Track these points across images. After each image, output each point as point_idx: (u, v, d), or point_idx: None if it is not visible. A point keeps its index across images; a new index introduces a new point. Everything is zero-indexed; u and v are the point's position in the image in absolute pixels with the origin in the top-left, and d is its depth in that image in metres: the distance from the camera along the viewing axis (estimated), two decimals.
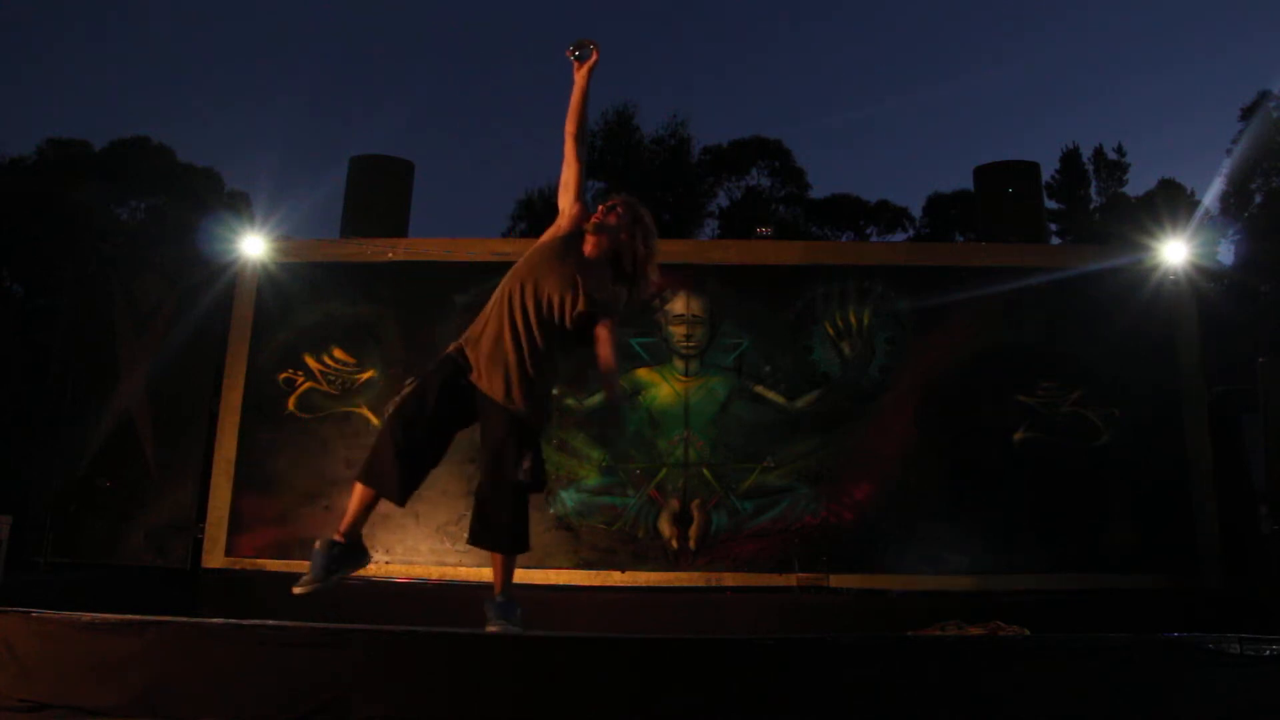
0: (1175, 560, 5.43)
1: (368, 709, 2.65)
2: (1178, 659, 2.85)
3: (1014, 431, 5.67)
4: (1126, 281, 5.81)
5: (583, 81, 3.37)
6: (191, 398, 5.91)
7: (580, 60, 3.38)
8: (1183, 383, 5.69)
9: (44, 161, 19.59)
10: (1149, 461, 5.59)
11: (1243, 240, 16.78)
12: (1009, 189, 6.33)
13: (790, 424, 5.75)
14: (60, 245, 13.56)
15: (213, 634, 2.89)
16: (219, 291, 6.01)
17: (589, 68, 3.37)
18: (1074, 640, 2.96)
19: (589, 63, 3.38)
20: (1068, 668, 2.82)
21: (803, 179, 25.37)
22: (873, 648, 2.96)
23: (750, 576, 5.53)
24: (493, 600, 3.26)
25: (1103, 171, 23.00)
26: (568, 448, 5.74)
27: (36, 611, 2.97)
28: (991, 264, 5.94)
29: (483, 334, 3.28)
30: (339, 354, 5.91)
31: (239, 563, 5.63)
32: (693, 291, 5.93)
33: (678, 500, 5.65)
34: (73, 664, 2.86)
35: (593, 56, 3.38)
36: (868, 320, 5.88)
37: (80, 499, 5.74)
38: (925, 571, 5.47)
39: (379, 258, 6.01)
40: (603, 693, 2.71)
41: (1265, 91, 17.98)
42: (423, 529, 5.62)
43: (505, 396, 3.20)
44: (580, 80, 3.37)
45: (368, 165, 6.47)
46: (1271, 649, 2.82)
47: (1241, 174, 17.46)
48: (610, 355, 3.25)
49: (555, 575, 5.43)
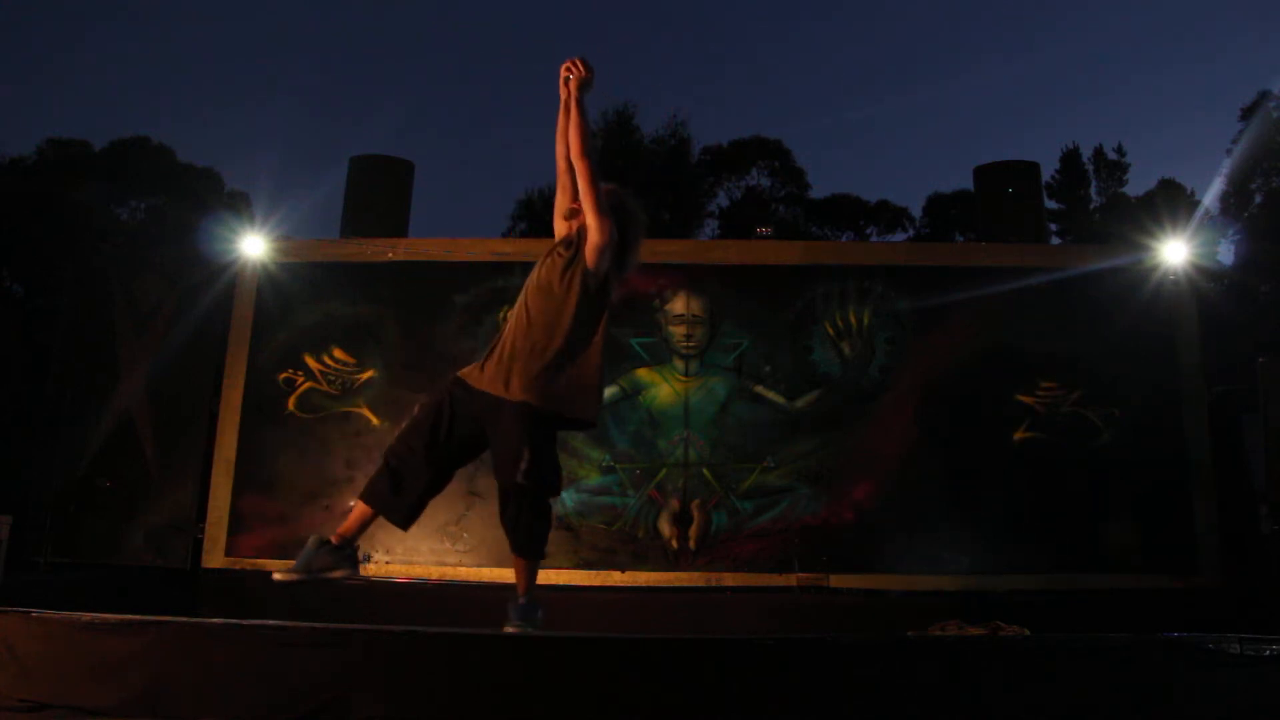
0: (1175, 560, 5.43)
1: (368, 709, 2.64)
2: (1178, 659, 2.85)
3: (1014, 431, 5.67)
4: (1126, 281, 5.81)
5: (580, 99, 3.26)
6: (191, 398, 5.91)
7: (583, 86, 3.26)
8: (1183, 383, 5.69)
9: (44, 161, 19.59)
10: (1149, 461, 5.59)
11: (1243, 240, 16.78)
12: (1009, 189, 6.33)
13: (790, 424, 5.75)
14: (60, 245, 13.56)
15: (213, 634, 2.89)
16: (219, 291, 6.01)
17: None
18: (1074, 640, 2.96)
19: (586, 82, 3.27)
20: (1068, 668, 2.82)
21: (803, 179, 25.39)
22: (873, 648, 2.96)
23: (750, 576, 5.53)
24: (515, 602, 3.26)
25: (1103, 171, 23.00)
26: (568, 448, 5.73)
27: (36, 611, 2.97)
28: (991, 264, 5.94)
29: (488, 354, 3.26)
30: (339, 354, 5.91)
31: (239, 563, 5.63)
32: (693, 291, 5.93)
33: (678, 500, 5.65)
34: (73, 664, 2.86)
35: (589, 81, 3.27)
36: (868, 320, 5.88)
37: (80, 499, 5.74)
38: (925, 571, 5.47)
39: (379, 258, 6.01)
40: (603, 693, 2.71)
41: (1265, 91, 17.99)
42: (423, 529, 5.60)
43: (504, 387, 3.15)
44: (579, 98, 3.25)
45: (368, 165, 6.47)
46: (1271, 649, 2.82)
47: (1241, 174, 17.46)
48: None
49: (555, 575, 5.42)
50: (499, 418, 3.18)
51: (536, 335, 3.19)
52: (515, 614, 3.22)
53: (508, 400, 3.16)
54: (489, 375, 3.21)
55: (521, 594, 3.26)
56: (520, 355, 3.17)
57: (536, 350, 3.17)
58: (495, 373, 3.20)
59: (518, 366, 3.17)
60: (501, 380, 3.17)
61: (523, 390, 3.15)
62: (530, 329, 3.19)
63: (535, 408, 3.15)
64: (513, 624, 3.18)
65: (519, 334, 3.20)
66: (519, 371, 3.15)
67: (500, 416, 3.18)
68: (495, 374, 3.20)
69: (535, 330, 3.19)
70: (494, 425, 3.21)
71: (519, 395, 3.16)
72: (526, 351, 3.17)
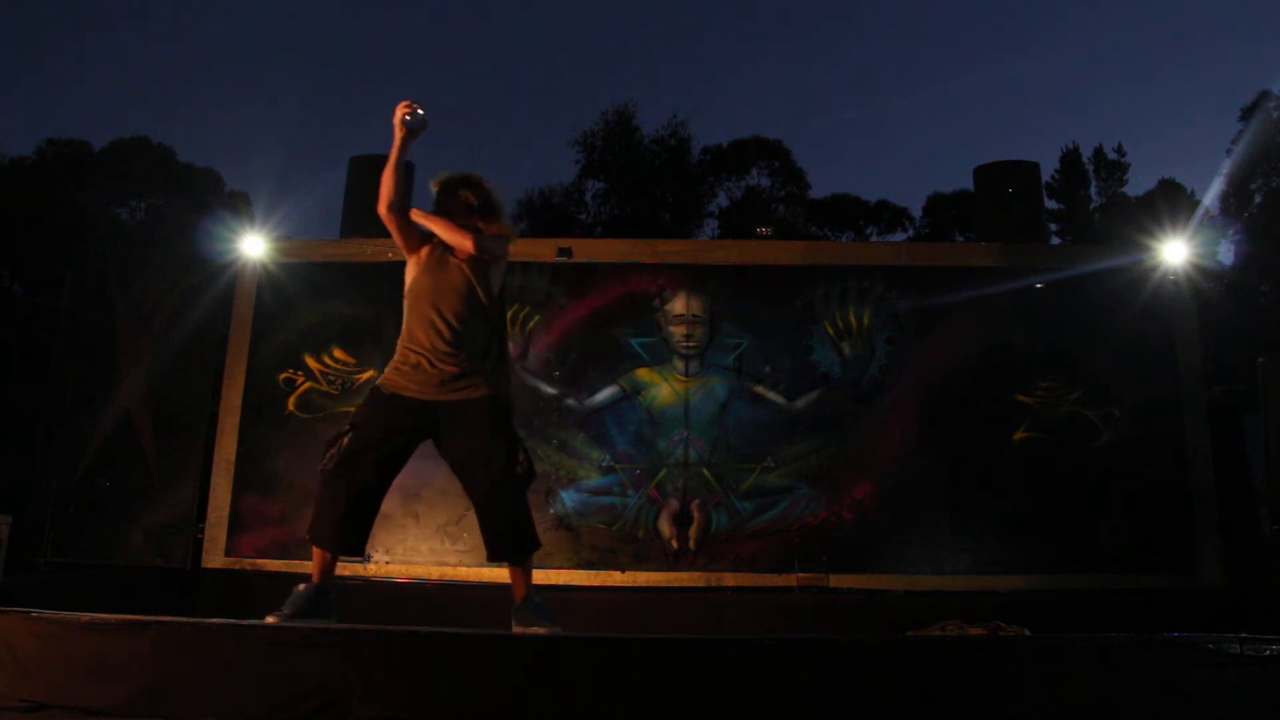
0: (1175, 560, 5.43)
1: (368, 709, 2.64)
2: (1178, 659, 2.85)
3: (1014, 431, 5.67)
4: (1126, 281, 5.81)
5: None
6: (191, 398, 5.91)
7: (411, 124, 3.26)
8: (1182, 383, 5.69)
9: (44, 161, 19.60)
10: (1149, 462, 5.58)
11: (1243, 240, 16.78)
12: (1009, 189, 6.33)
13: (790, 424, 5.75)
14: (60, 245, 13.56)
15: (213, 634, 2.88)
16: (219, 291, 6.01)
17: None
18: (1074, 640, 2.96)
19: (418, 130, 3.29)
20: (1068, 668, 2.82)
21: (803, 179, 25.42)
22: (873, 648, 2.95)
23: (750, 576, 5.53)
24: (526, 602, 3.25)
25: (1103, 171, 23.01)
26: (568, 448, 5.74)
27: (36, 611, 2.97)
28: (991, 264, 5.94)
29: (398, 362, 3.32)
30: (339, 354, 5.91)
31: (239, 563, 5.63)
32: (693, 291, 5.93)
33: (677, 500, 5.65)
34: (73, 664, 2.85)
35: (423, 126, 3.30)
36: (868, 320, 5.88)
37: (80, 499, 5.74)
38: (925, 571, 5.47)
39: (379, 258, 6.00)
40: (603, 693, 2.70)
41: (1265, 91, 18.01)
42: (423, 529, 5.63)
43: (461, 388, 3.23)
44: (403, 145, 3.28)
45: (368, 165, 6.46)
46: (1271, 649, 2.82)
47: (1241, 174, 17.47)
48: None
49: (555, 575, 5.42)
50: (460, 420, 3.21)
51: (469, 333, 3.26)
52: (533, 614, 3.21)
53: (473, 400, 3.19)
54: (433, 383, 3.24)
55: (528, 592, 3.27)
56: (460, 354, 3.23)
57: (478, 347, 3.26)
58: (440, 377, 3.23)
59: (464, 365, 3.23)
60: (450, 385, 3.22)
61: (486, 385, 3.23)
62: (456, 330, 3.26)
63: (498, 398, 3.27)
64: (538, 625, 3.16)
65: (443, 337, 3.25)
66: (467, 369, 3.23)
67: (463, 418, 3.21)
68: (440, 379, 3.23)
69: (464, 329, 3.26)
70: (458, 428, 3.23)
71: (482, 390, 3.20)
72: (469, 349, 3.24)
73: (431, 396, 3.23)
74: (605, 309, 5.91)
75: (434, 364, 3.24)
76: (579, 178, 23.68)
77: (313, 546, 3.30)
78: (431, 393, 3.23)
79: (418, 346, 3.28)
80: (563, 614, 3.37)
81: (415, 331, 3.31)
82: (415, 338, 3.30)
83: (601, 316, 5.90)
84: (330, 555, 3.28)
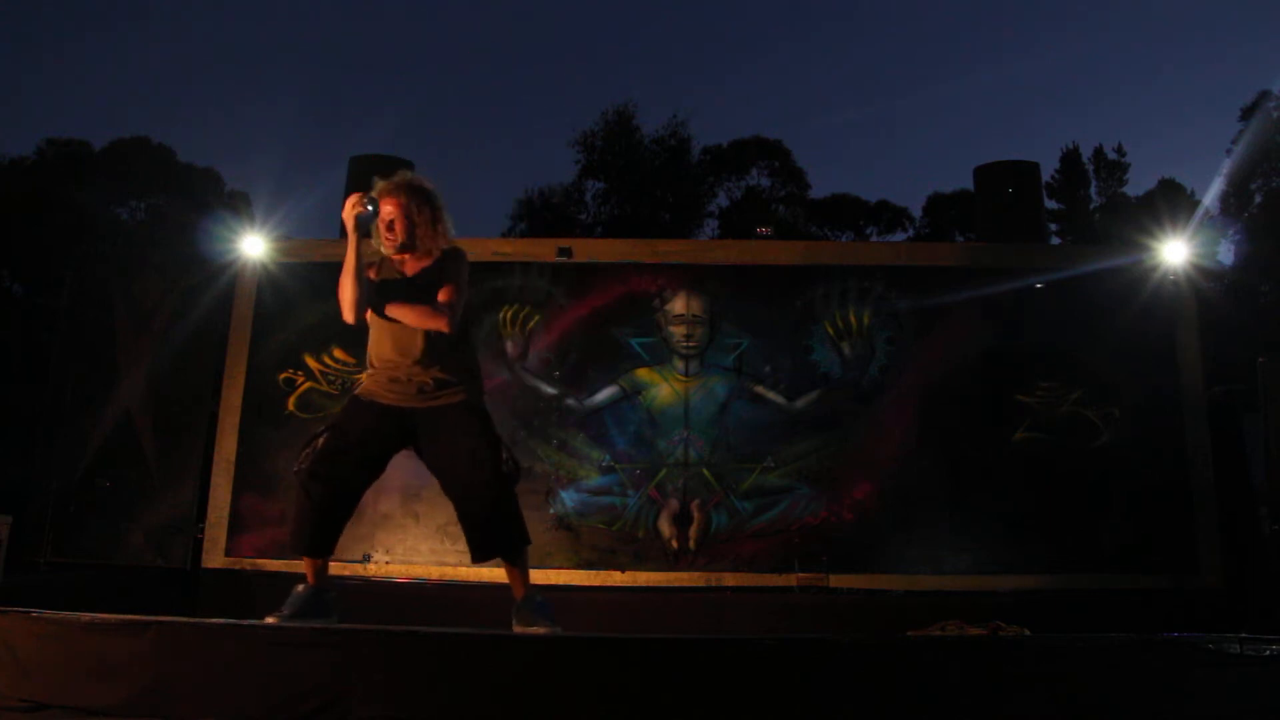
0: (1175, 560, 5.43)
1: (368, 709, 2.64)
2: (1178, 659, 2.85)
3: (1014, 431, 5.66)
4: (1126, 281, 5.80)
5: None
6: (191, 398, 5.90)
7: (363, 220, 3.21)
8: (1182, 383, 5.68)
9: (44, 161, 19.61)
10: (1149, 461, 5.58)
11: (1243, 240, 16.78)
12: (1009, 189, 6.33)
13: (790, 424, 5.75)
14: (60, 245, 13.56)
15: (213, 634, 2.88)
16: (219, 291, 5.99)
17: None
18: (1074, 640, 2.96)
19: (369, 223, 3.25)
20: (1068, 668, 2.82)
21: (803, 179, 25.44)
22: (873, 648, 2.96)
23: (750, 576, 5.52)
24: (527, 601, 3.26)
25: (1103, 171, 23.04)
26: (568, 448, 5.74)
27: (36, 611, 2.97)
28: (991, 264, 5.93)
29: (372, 373, 3.34)
30: (339, 354, 5.91)
31: (239, 563, 5.62)
32: (693, 291, 5.92)
33: (678, 500, 5.65)
34: (73, 664, 2.85)
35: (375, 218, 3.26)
36: (868, 320, 5.88)
37: (80, 499, 5.73)
38: (925, 571, 5.47)
39: None
40: (603, 693, 2.70)
41: (1265, 91, 18.02)
42: (423, 529, 5.62)
43: (439, 394, 3.24)
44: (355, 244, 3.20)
45: (368, 165, 6.45)
46: (1271, 649, 2.82)
47: (1241, 174, 17.47)
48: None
49: (555, 575, 5.42)
50: (440, 425, 3.24)
51: (435, 341, 3.27)
52: (534, 613, 3.22)
53: (452, 404, 3.22)
54: (410, 392, 3.25)
55: (528, 592, 3.27)
56: (433, 365, 3.25)
57: (446, 355, 3.27)
58: (417, 388, 3.24)
59: (437, 375, 3.25)
60: (432, 392, 3.24)
61: (463, 390, 3.26)
62: (421, 344, 3.26)
63: (474, 401, 3.31)
64: (538, 624, 3.17)
65: (410, 352, 3.26)
66: (440, 378, 3.25)
67: (443, 424, 3.23)
68: (418, 388, 3.24)
69: (429, 340, 3.27)
70: (440, 434, 3.25)
71: (460, 395, 3.24)
72: (439, 359, 3.25)
73: (410, 405, 3.27)
74: (605, 309, 5.91)
75: (408, 376, 3.27)
76: (579, 178, 23.72)
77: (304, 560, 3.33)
78: (410, 401, 3.27)
79: (388, 359, 3.30)
80: (563, 614, 3.38)
81: (383, 345, 3.33)
82: (383, 352, 3.32)
83: (601, 316, 5.90)
84: (315, 561, 3.29)
